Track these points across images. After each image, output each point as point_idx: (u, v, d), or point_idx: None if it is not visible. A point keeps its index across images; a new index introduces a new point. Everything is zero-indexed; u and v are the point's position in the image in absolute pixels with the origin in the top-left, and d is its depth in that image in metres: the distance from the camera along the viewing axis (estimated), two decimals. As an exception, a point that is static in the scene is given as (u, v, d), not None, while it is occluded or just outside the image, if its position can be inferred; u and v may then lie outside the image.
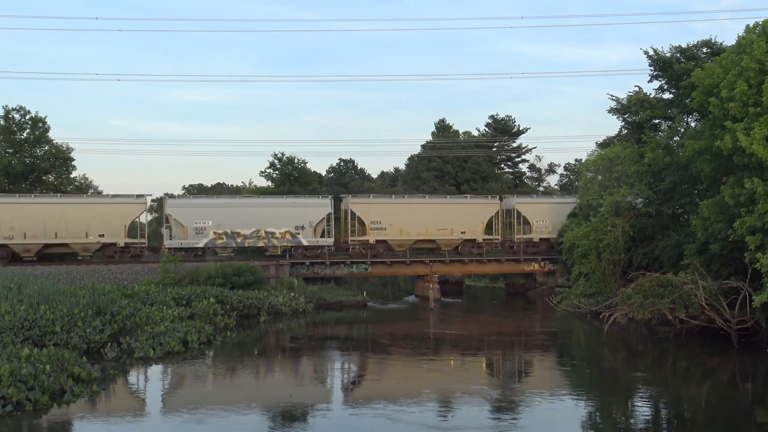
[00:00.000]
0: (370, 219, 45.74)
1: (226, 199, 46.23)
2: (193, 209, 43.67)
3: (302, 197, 47.12)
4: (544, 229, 48.39)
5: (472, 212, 47.49)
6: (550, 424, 17.45)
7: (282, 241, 44.22)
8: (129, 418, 17.57)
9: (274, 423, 17.49)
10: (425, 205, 47.42)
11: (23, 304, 24.77)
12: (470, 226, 47.05)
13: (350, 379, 23.67)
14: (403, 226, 46.01)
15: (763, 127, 24.75)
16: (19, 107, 51.47)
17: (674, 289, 28.10)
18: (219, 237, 43.45)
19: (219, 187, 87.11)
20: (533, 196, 52.72)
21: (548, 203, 49.97)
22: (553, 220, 48.26)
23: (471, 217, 47.26)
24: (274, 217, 44.19)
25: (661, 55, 40.42)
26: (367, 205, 46.48)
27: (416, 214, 46.35)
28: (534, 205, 49.54)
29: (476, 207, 47.90)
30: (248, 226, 43.82)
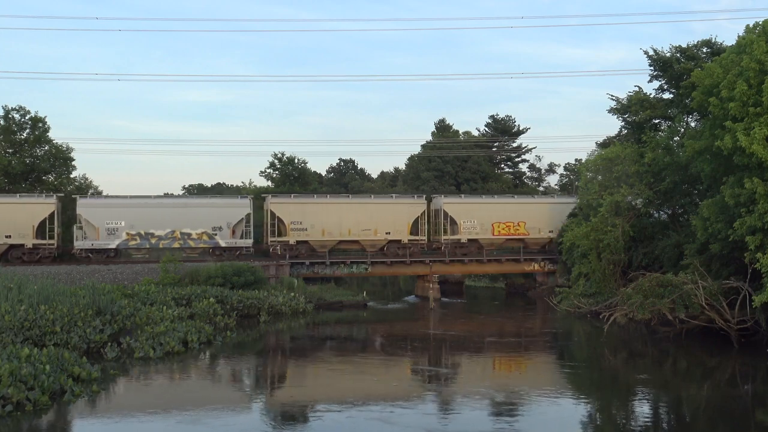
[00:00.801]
0: (290, 219, 44.90)
1: (139, 199, 44.65)
2: (105, 209, 42.67)
3: (220, 198, 45.86)
4: (473, 229, 47.28)
5: (397, 212, 46.37)
6: (550, 424, 17.44)
7: (198, 243, 43.43)
8: (129, 418, 17.56)
9: (274, 423, 17.49)
10: (348, 205, 46.53)
11: (23, 304, 24.77)
12: (395, 227, 46.00)
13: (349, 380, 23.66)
14: (325, 226, 45.12)
15: (763, 127, 24.74)
16: (19, 107, 51.48)
17: (674, 289, 28.09)
18: (132, 238, 42.54)
19: (219, 187, 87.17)
20: (462, 196, 51.06)
21: (478, 203, 48.81)
22: (482, 221, 47.39)
23: (396, 217, 46.17)
24: (191, 218, 43.39)
25: (661, 55, 40.42)
26: (286, 205, 45.53)
27: (339, 215, 45.43)
28: (462, 205, 48.33)
29: (401, 207, 46.73)
30: (163, 226, 42.99)
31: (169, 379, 22.74)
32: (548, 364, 26.48)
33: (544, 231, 48.34)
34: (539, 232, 48.35)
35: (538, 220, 48.38)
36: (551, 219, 48.29)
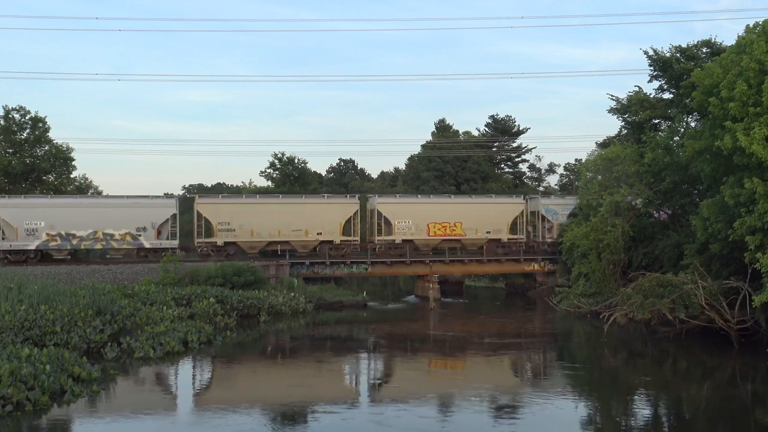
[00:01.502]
0: (218, 220, 43.99)
1: (60, 199, 43.69)
2: (24, 209, 41.43)
3: (145, 198, 44.85)
4: (407, 230, 46.36)
5: (328, 213, 45.43)
6: (550, 424, 17.44)
7: (122, 244, 42.61)
8: (129, 418, 17.56)
9: (274, 423, 17.49)
10: (278, 205, 45.56)
11: (23, 304, 24.78)
12: (327, 227, 45.11)
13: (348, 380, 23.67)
14: (254, 227, 44.22)
15: (763, 127, 24.74)
16: (19, 107, 51.57)
17: (674, 289, 28.10)
18: (52, 239, 41.45)
19: (219, 187, 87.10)
20: (397, 196, 50.14)
21: (412, 203, 47.78)
22: (417, 221, 46.46)
23: (328, 217, 45.25)
24: (114, 218, 42.46)
25: (661, 55, 40.42)
26: (214, 205, 44.66)
27: (268, 215, 44.54)
28: (396, 205, 47.34)
29: (333, 207, 45.75)
30: (85, 227, 41.94)
31: (169, 379, 22.74)
32: (548, 364, 26.48)
33: (481, 232, 47.20)
34: (476, 233, 47.14)
35: (476, 220, 47.22)
36: (490, 219, 47.30)
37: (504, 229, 47.48)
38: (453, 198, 50.03)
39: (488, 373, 24.46)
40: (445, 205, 47.96)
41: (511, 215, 48.12)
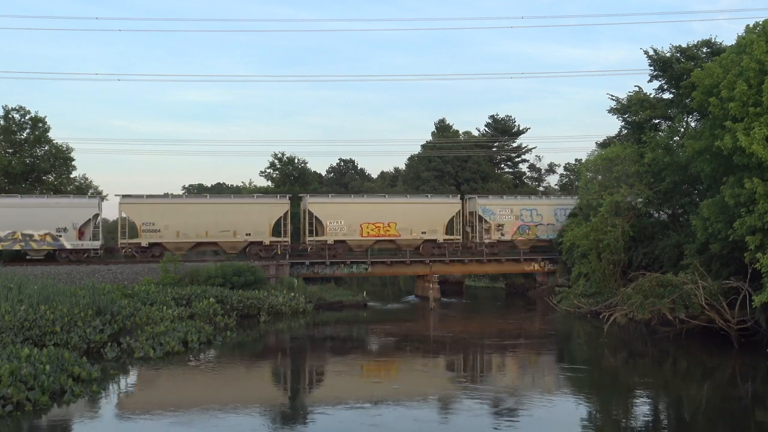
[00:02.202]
0: (142, 221, 43.46)
1: None
2: None
3: (66, 197, 44.19)
4: (339, 231, 45.53)
5: (257, 213, 44.80)
6: (550, 424, 17.44)
7: (42, 244, 41.67)
8: (129, 418, 17.56)
9: (273, 423, 17.48)
10: (205, 205, 44.86)
11: (23, 304, 24.78)
12: (256, 228, 44.49)
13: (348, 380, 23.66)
14: (180, 228, 43.59)
15: (763, 127, 24.74)
16: (19, 107, 51.55)
17: (674, 289, 28.09)
18: None
19: (219, 187, 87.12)
20: (329, 196, 49.10)
21: (345, 203, 47.13)
22: (350, 222, 45.66)
23: (257, 218, 44.63)
24: (33, 219, 41.49)
25: (661, 55, 40.42)
26: (138, 206, 43.93)
27: (195, 216, 43.86)
28: (328, 205, 46.55)
29: (262, 207, 45.07)
30: (2, 227, 41.33)
31: (169, 379, 22.73)
32: (548, 364, 26.47)
33: (416, 232, 46.48)
34: (411, 234, 46.42)
35: (411, 221, 46.52)
36: (425, 220, 46.65)
37: (440, 230, 46.68)
38: (387, 198, 49.33)
39: (488, 374, 24.46)
40: (379, 205, 47.10)
41: (447, 215, 47.29)
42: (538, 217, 48.78)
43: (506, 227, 48.23)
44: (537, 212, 48.84)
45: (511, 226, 48.31)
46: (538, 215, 48.79)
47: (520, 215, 48.46)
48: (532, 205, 49.27)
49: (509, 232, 48.19)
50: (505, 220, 48.26)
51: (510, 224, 48.32)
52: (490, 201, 49.11)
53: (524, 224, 48.53)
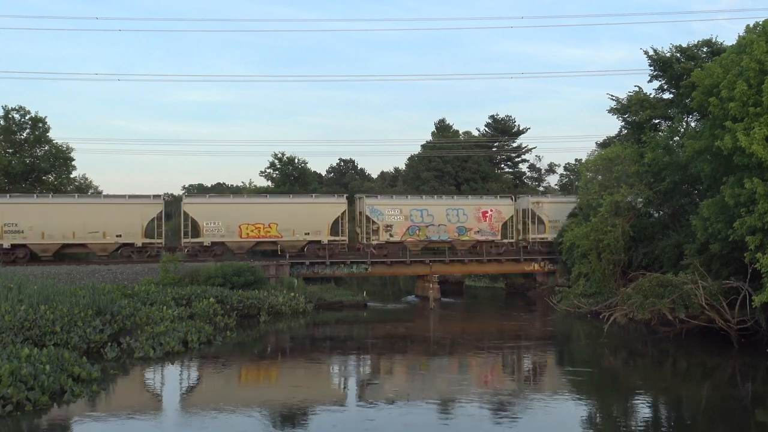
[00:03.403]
0: (4, 221, 41.34)
1: None
2: None
3: None
4: (217, 232, 44.02)
5: (129, 213, 43.06)
6: (550, 424, 17.44)
7: None
8: (129, 418, 17.55)
9: (273, 423, 17.49)
10: (73, 205, 42.97)
11: (23, 304, 24.77)
12: (127, 229, 42.87)
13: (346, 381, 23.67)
14: (45, 228, 41.62)
15: (763, 127, 24.74)
16: (19, 107, 51.54)
17: (674, 289, 28.09)
18: None
19: (219, 187, 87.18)
20: (207, 197, 47.19)
21: (222, 204, 45.43)
22: (228, 222, 44.07)
23: (127, 219, 42.97)
24: None
25: (661, 55, 40.42)
26: None
27: (62, 216, 41.92)
28: (205, 206, 44.93)
29: (134, 208, 43.30)
30: None
31: (169, 379, 22.73)
32: (548, 364, 26.48)
33: (299, 233, 45.01)
34: (293, 234, 44.93)
35: (293, 221, 45.05)
36: (309, 220, 45.20)
37: (324, 231, 45.25)
38: (269, 198, 48.00)
39: (488, 374, 24.46)
40: (259, 206, 45.80)
41: (332, 216, 45.63)
42: (429, 218, 46.94)
43: (395, 228, 46.41)
44: (428, 213, 47.06)
45: (401, 226, 46.51)
46: (429, 215, 46.97)
47: (410, 216, 46.70)
48: (423, 206, 47.42)
49: (399, 233, 46.37)
50: (394, 220, 46.47)
51: (399, 225, 46.52)
52: (378, 201, 47.57)
53: (414, 225, 46.71)
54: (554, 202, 49.69)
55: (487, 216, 47.95)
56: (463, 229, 47.44)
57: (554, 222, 48.26)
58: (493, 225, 48.03)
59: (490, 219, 47.95)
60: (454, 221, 47.33)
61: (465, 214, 47.60)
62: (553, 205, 49.07)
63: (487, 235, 47.76)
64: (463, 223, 47.48)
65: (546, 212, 48.64)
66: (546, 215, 48.57)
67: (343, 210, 46.14)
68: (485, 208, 48.21)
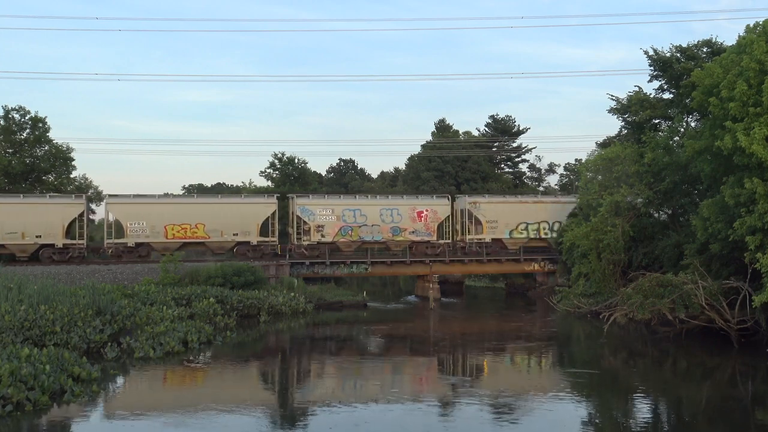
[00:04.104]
0: None
1: None
2: None
3: None
4: (141, 232, 43.30)
5: (48, 214, 42.19)
6: (550, 424, 17.44)
7: None
8: (129, 418, 17.55)
9: (272, 423, 17.49)
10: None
11: (23, 304, 24.78)
12: (48, 230, 42.05)
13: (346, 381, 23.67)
14: None
15: (763, 127, 24.73)
16: (19, 107, 51.49)
17: (674, 289, 28.09)
18: None
19: (219, 187, 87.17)
20: (131, 197, 45.36)
21: (146, 204, 44.31)
22: (153, 223, 43.41)
23: (48, 219, 42.08)
24: None
25: (661, 55, 40.42)
26: None
27: None
28: (129, 206, 43.99)
29: (53, 208, 42.61)
30: None
31: (169, 379, 22.73)
32: (548, 364, 26.47)
33: (227, 234, 44.25)
34: (221, 235, 44.20)
35: (221, 221, 44.29)
36: (237, 221, 44.46)
37: (253, 231, 44.64)
38: (195, 198, 47.55)
39: (488, 374, 24.45)
40: (185, 206, 45.08)
41: (262, 216, 44.94)
42: (362, 218, 46.17)
43: (327, 228, 45.72)
44: (361, 213, 46.28)
45: (332, 227, 45.81)
46: (362, 216, 46.20)
47: (342, 216, 45.93)
48: (355, 206, 46.73)
49: (330, 233, 45.71)
50: (326, 220, 45.75)
51: (331, 225, 45.81)
52: (309, 201, 46.72)
53: (347, 225, 45.99)
54: (493, 202, 48.93)
55: (423, 216, 47.04)
56: (397, 229, 46.56)
57: (492, 222, 47.74)
58: (429, 225, 47.15)
59: (425, 219, 47.02)
60: (388, 221, 46.50)
61: (399, 214, 46.71)
62: (492, 205, 48.36)
63: (422, 235, 46.88)
64: (397, 223, 46.62)
65: (483, 212, 47.97)
66: (483, 215, 47.87)
67: (273, 210, 45.34)
68: (420, 208, 47.25)
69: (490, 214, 48.04)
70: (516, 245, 48.29)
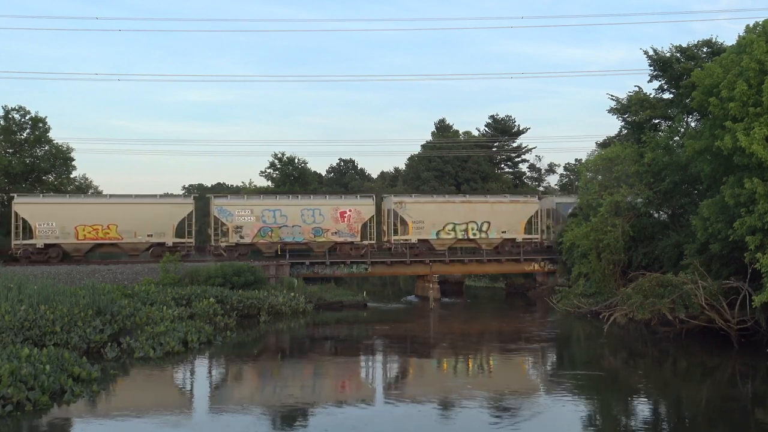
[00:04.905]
0: None
1: None
2: None
3: None
4: (51, 233, 42.19)
5: None
6: (550, 424, 17.44)
7: None
8: (129, 418, 17.56)
9: (273, 423, 17.49)
10: None
11: (23, 304, 24.77)
12: None
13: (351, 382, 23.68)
14: None
15: (763, 127, 24.73)
16: (19, 107, 51.57)
17: (674, 289, 28.08)
18: None
19: (219, 187, 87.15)
20: (41, 196, 44.94)
21: (56, 204, 43.54)
22: (63, 224, 42.55)
23: None
24: None
25: (661, 55, 40.41)
26: None
27: None
28: (39, 206, 43.00)
29: None
30: None
31: (169, 379, 22.73)
32: (548, 364, 26.47)
33: (141, 235, 43.49)
34: (135, 236, 43.46)
35: (134, 222, 43.49)
36: (152, 221, 43.57)
37: (169, 233, 43.90)
38: (108, 198, 45.97)
39: (488, 374, 24.45)
40: (97, 206, 44.03)
41: (177, 217, 44.24)
42: (282, 219, 45.37)
43: (245, 229, 44.93)
44: (281, 213, 45.41)
45: (252, 228, 44.97)
46: (282, 216, 45.36)
47: (261, 216, 45.12)
48: (276, 206, 45.80)
49: (249, 234, 44.92)
50: (245, 221, 44.94)
51: (250, 226, 44.98)
52: (227, 201, 46.03)
53: (266, 226, 45.13)
54: (419, 202, 48.00)
55: (346, 216, 46.08)
56: (319, 230, 45.77)
57: (419, 223, 46.98)
58: (352, 226, 46.16)
59: (348, 219, 46.06)
60: (309, 222, 45.74)
61: (321, 214, 45.86)
62: (418, 205, 47.45)
63: (345, 236, 45.93)
64: (319, 224, 45.79)
65: (409, 212, 47.04)
66: (410, 216, 46.97)
67: (190, 211, 44.73)
68: (344, 208, 46.31)
69: (417, 214, 47.05)
70: (444, 246, 47.25)
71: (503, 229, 48.08)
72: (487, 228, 47.57)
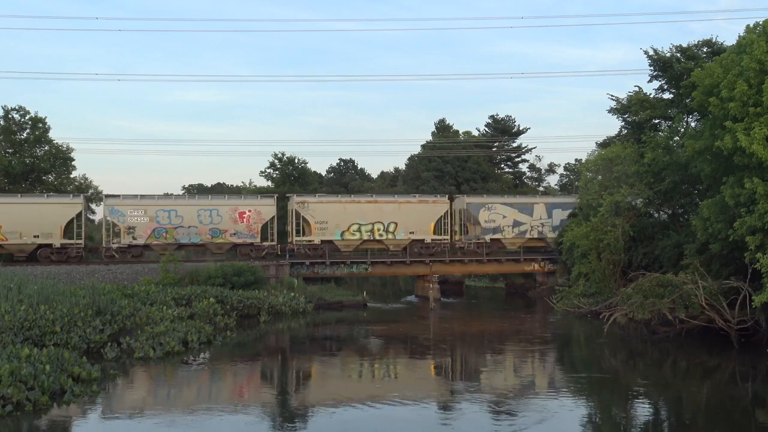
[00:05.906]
0: None
1: None
2: None
3: None
4: None
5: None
6: (550, 424, 17.42)
7: None
8: (129, 418, 17.55)
9: (273, 423, 17.48)
10: None
11: (23, 304, 24.78)
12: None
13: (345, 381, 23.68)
14: None
15: (763, 127, 24.73)
16: (19, 107, 51.59)
17: (674, 289, 28.08)
18: None
19: (219, 187, 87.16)
20: None
21: None
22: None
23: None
24: None
25: (661, 55, 40.42)
26: None
27: None
28: None
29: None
30: None
31: (169, 379, 22.72)
32: (548, 364, 26.47)
33: (27, 236, 41.72)
34: (20, 237, 41.65)
35: (20, 223, 41.63)
36: (38, 222, 41.88)
37: (56, 233, 42.20)
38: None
39: (487, 373, 24.44)
40: None
41: (65, 217, 42.54)
42: (177, 219, 44.17)
43: (138, 230, 43.70)
44: (177, 214, 44.22)
45: (145, 228, 43.75)
46: (177, 217, 44.18)
47: (155, 217, 43.88)
48: (171, 206, 44.68)
49: (143, 235, 43.70)
50: (138, 222, 43.69)
51: (143, 227, 43.74)
52: (119, 201, 44.26)
53: (160, 227, 43.98)
54: (322, 201, 46.90)
55: (245, 217, 44.99)
56: (217, 231, 44.60)
57: (322, 223, 45.84)
58: (252, 227, 45.08)
59: (248, 220, 44.97)
60: (206, 222, 44.61)
61: (219, 215, 44.71)
62: (321, 206, 46.34)
63: (244, 237, 44.85)
64: (217, 224, 44.64)
65: (312, 213, 45.98)
66: (312, 216, 45.90)
67: (79, 211, 43.10)
68: (243, 208, 45.15)
69: (319, 214, 45.94)
70: (349, 247, 46.33)
71: (411, 230, 47.05)
72: (395, 228, 46.59)
